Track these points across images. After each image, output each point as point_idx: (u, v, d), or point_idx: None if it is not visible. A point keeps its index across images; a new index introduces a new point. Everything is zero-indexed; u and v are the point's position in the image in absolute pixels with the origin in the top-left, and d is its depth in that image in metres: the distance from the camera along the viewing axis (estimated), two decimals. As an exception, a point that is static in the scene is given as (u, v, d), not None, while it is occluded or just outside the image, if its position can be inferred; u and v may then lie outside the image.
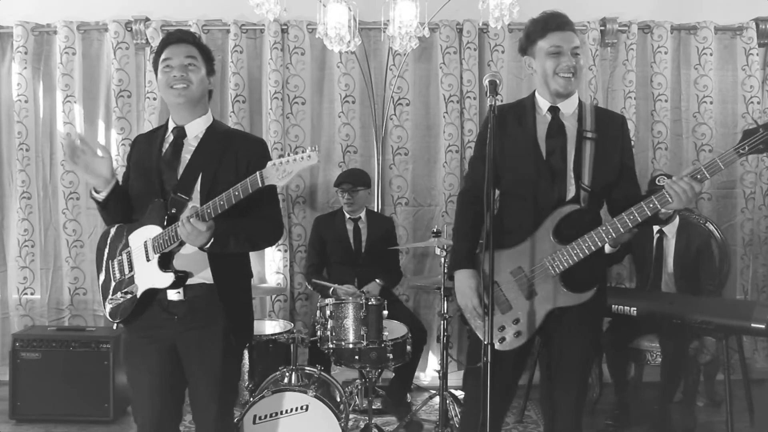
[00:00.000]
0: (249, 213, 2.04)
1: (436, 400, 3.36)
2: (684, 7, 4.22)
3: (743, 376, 3.53)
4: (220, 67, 4.15)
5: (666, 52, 4.18)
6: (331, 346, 3.08)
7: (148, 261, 2.02)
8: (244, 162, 2.05)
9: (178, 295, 2.04)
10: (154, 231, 2.01)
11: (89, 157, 2.03)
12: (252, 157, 2.04)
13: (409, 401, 3.77)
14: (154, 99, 4.08)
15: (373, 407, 3.25)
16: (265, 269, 4.22)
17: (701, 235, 3.64)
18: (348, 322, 3.05)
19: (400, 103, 4.19)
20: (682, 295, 3.48)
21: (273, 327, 3.51)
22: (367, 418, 3.18)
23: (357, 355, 3.09)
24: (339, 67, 4.15)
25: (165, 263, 2.00)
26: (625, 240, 2.24)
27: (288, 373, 2.97)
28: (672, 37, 4.21)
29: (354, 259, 3.82)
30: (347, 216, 3.84)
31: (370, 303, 3.06)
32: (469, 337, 2.33)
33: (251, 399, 2.87)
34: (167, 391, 2.10)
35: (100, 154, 2.04)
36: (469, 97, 4.14)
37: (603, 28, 4.16)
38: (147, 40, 4.10)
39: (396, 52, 4.02)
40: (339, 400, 3.02)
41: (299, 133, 4.18)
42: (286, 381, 2.95)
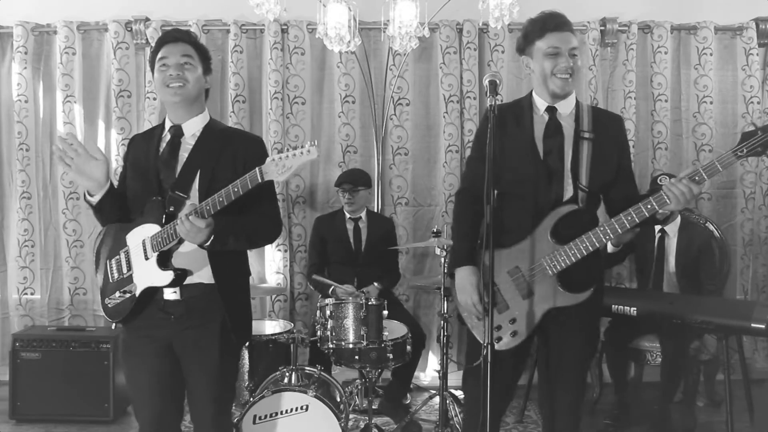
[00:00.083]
0: (248, 210, 2.03)
1: (436, 400, 3.36)
2: (684, 7, 4.22)
3: (743, 376, 3.52)
4: (220, 67, 4.15)
5: (666, 52, 4.17)
6: (331, 346, 3.08)
7: (147, 259, 2.01)
8: (241, 160, 2.04)
9: (174, 295, 2.03)
10: (152, 229, 2.00)
11: (83, 159, 2.01)
12: (250, 155, 2.03)
13: (407, 403, 3.77)
14: (154, 99, 4.08)
15: (373, 407, 3.25)
16: (265, 269, 4.22)
17: (702, 234, 3.64)
18: (348, 322, 3.05)
19: (400, 103, 4.19)
20: (682, 295, 3.48)
21: (273, 327, 3.51)
22: (367, 418, 3.18)
23: (357, 355, 3.09)
24: (339, 67, 4.15)
25: (164, 261, 2.00)
26: (627, 239, 2.24)
27: (288, 373, 2.97)
28: (672, 37, 4.21)
29: (354, 259, 3.82)
30: (347, 216, 3.84)
31: (370, 303, 3.06)
32: (467, 337, 2.32)
33: (251, 399, 2.87)
34: (167, 391, 2.10)
35: (97, 157, 2.02)
36: (469, 97, 4.14)
37: (603, 28, 4.15)
38: (147, 40, 4.10)
39: (396, 52, 4.02)
40: (339, 400, 3.02)
41: (299, 133, 4.18)
42: (286, 381, 2.95)
